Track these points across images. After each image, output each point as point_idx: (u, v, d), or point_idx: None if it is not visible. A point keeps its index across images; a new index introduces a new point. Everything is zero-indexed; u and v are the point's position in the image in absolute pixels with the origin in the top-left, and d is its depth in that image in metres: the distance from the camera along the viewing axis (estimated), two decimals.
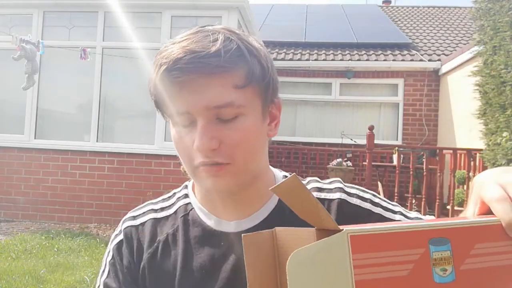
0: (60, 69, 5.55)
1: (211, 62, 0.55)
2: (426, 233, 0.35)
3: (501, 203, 0.39)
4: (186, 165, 0.62)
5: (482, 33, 4.33)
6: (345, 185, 0.69)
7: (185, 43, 0.57)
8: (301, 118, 7.77)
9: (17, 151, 5.34)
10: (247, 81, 0.58)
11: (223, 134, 0.57)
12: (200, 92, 0.56)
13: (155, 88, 0.60)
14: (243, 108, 0.59)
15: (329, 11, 10.97)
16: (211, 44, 0.56)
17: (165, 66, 0.56)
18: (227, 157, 0.58)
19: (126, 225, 0.72)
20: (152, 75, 0.60)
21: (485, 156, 4.24)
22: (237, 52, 0.57)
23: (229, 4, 5.11)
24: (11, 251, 3.84)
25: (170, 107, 0.60)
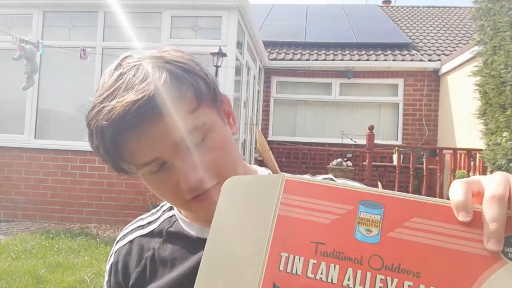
0: (60, 69, 5.55)
1: (157, 105, 0.51)
2: (360, 195, 0.36)
3: (457, 184, 0.37)
4: (176, 204, 0.60)
5: (482, 33, 4.33)
6: (335, 181, 0.67)
7: (119, 97, 0.52)
8: (301, 118, 7.77)
9: (17, 151, 5.34)
10: (198, 102, 0.55)
11: (202, 159, 0.55)
12: (160, 136, 0.53)
13: (106, 154, 0.55)
14: (207, 126, 0.56)
15: (329, 11, 10.97)
16: (144, 84, 0.52)
17: (111, 129, 0.52)
18: (216, 176, 0.56)
19: (117, 248, 0.73)
20: (95, 142, 0.56)
21: (485, 156, 4.24)
22: (174, 78, 0.53)
23: (229, 4, 5.11)
24: (11, 251, 3.84)
25: (133, 164, 0.56)
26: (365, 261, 0.34)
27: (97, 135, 0.55)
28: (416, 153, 5.87)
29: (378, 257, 0.34)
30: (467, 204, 0.35)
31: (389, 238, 0.35)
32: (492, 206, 0.34)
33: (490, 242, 0.33)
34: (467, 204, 0.35)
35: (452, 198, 0.36)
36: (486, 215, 0.34)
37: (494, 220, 0.33)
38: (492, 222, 0.33)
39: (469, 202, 0.35)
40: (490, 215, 0.33)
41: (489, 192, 0.35)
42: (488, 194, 0.35)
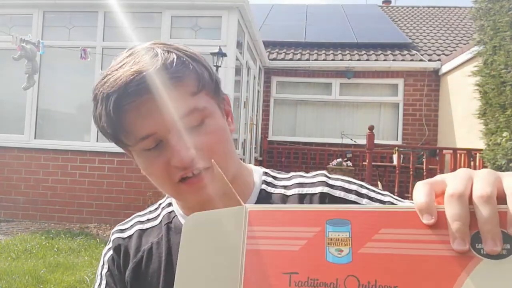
0: (60, 69, 5.55)
1: (162, 78, 0.54)
2: (325, 214, 0.35)
3: (420, 186, 0.36)
4: (165, 186, 0.60)
5: (482, 33, 4.33)
6: (329, 177, 0.67)
7: (127, 67, 0.55)
8: (301, 118, 7.77)
9: (17, 151, 5.34)
10: (200, 86, 0.58)
11: (197, 141, 0.56)
12: (159, 110, 0.55)
13: (109, 120, 0.56)
14: (206, 111, 0.58)
15: (329, 11, 10.98)
16: (153, 60, 0.55)
17: (115, 94, 0.53)
18: (208, 160, 0.57)
19: (114, 237, 0.73)
20: (98, 110, 0.57)
21: (485, 156, 4.24)
22: (180, 62, 0.57)
23: (229, 4, 5.11)
24: (11, 251, 3.84)
25: (131, 135, 0.56)
26: (340, 284, 0.33)
27: (101, 102, 0.56)
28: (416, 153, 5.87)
29: (353, 277, 0.33)
30: (430, 206, 0.33)
31: (361, 255, 0.34)
32: (452, 205, 0.33)
33: (456, 242, 0.32)
34: (429, 206, 0.33)
35: (415, 201, 0.34)
36: (447, 214, 0.33)
37: (456, 218, 0.32)
38: (454, 221, 0.32)
39: (432, 203, 0.34)
40: (451, 214, 0.33)
41: (449, 190, 0.34)
42: (448, 193, 0.34)
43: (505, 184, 0.34)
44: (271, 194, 0.67)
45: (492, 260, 0.31)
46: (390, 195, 0.64)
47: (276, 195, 0.66)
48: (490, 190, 0.33)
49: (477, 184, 0.34)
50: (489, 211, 0.32)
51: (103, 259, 0.74)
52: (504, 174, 0.35)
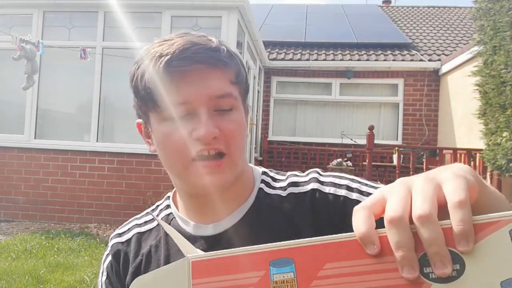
0: (60, 69, 5.55)
1: (214, 55, 0.59)
2: (268, 254, 0.33)
3: (357, 212, 0.34)
4: (178, 162, 0.60)
5: (482, 33, 4.33)
6: (321, 174, 0.68)
7: (185, 38, 0.59)
8: (301, 118, 7.77)
9: (17, 151, 5.33)
10: (237, 79, 0.62)
11: (221, 124, 0.59)
12: (203, 82, 0.58)
13: (152, 78, 0.58)
14: (237, 102, 0.62)
15: (329, 11, 10.98)
16: (210, 41, 0.60)
17: (169, 56, 0.56)
18: (225, 146, 0.59)
19: (113, 243, 0.73)
20: (143, 68, 0.60)
21: (485, 156, 4.24)
22: (229, 53, 0.62)
23: (229, 4, 5.11)
24: (11, 251, 3.84)
25: (167, 98, 0.58)
26: None
27: (151, 60, 0.58)
28: (416, 153, 5.87)
29: None
30: (370, 235, 0.32)
31: None
32: (393, 232, 0.31)
33: (404, 270, 0.30)
34: (370, 235, 0.32)
35: (355, 230, 0.33)
36: (391, 241, 0.31)
37: (399, 246, 0.30)
38: (398, 249, 0.30)
39: (371, 231, 0.32)
40: (394, 241, 0.30)
41: (388, 213, 0.32)
42: (387, 217, 0.31)
43: (445, 190, 0.32)
44: (269, 194, 0.67)
45: (443, 284, 0.29)
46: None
47: (273, 196, 0.67)
48: (428, 208, 0.30)
49: (415, 201, 0.32)
50: (431, 232, 0.30)
51: (102, 266, 0.74)
52: (443, 178, 0.33)
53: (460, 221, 0.29)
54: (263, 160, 7.11)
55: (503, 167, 3.94)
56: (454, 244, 0.29)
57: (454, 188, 0.32)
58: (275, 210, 0.65)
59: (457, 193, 0.31)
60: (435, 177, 0.34)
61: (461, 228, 0.29)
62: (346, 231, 0.58)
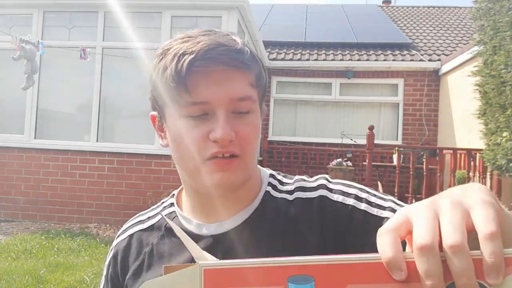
0: (60, 69, 5.55)
1: (238, 57, 0.59)
2: (287, 270, 0.32)
3: (383, 236, 0.33)
4: (191, 160, 0.60)
5: (482, 33, 4.33)
6: (330, 181, 0.67)
7: (212, 37, 0.59)
8: (301, 118, 7.77)
9: (17, 151, 5.34)
10: (257, 82, 0.62)
11: (238, 127, 0.59)
12: (225, 83, 0.58)
13: (176, 74, 0.57)
14: (255, 105, 0.62)
15: (329, 11, 10.98)
16: (235, 42, 0.60)
17: (194, 54, 0.56)
18: (239, 150, 0.59)
19: (116, 242, 0.74)
20: (166, 62, 0.59)
21: (485, 156, 4.24)
22: (251, 55, 0.61)
23: (229, 4, 5.11)
24: (11, 251, 3.84)
25: (188, 96, 0.58)
26: None
27: (174, 56, 0.58)
28: (416, 153, 5.87)
29: None
30: (397, 260, 0.31)
31: None
32: (422, 260, 0.30)
33: None
34: (397, 260, 0.31)
35: (381, 254, 0.32)
36: (419, 269, 0.30)
37: (429, 274, 0.30)
38: (427, 277, 0.30)
39: (399, 256, 0.31)
40: (423, 270, 0.30)
41: (417, 241, 0.31)
42: (416, 245, 0.31)
43: (474, 219, 0.31)
44: (275, 198, 0.67)
45: None
46: (392, 200, 0.63)
47: (279, 199, 0.67)
48: (460, 238, 0.30)
49: (445, 229, 0.31)
50: (462, 263, 0.29)
51: (106, 262, 0.75)
52: (472, 204, 0.32)
53: (492, 254, 0.29)
54: (263, 160, 7.11)
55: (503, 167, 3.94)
56: (483, 275, 0.29)
57: (485, 218, 0.31)
58: (280, 214, 0.65)
59: (488, 224, 0.30)
60: (462, 202, 0.33)
61: (492, 261, 0.29)
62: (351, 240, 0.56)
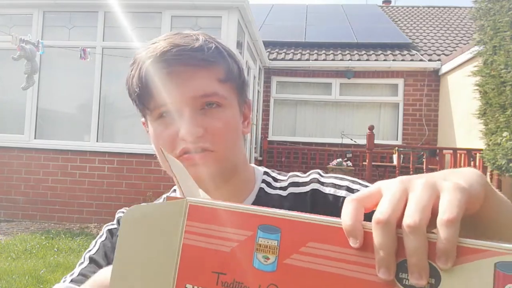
0: (60, 69, 5.55)
1: (196, 55, 0.59)
2: (260, 218, 0.35)
3: (348, 204, 0.34)
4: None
5: (482, 33, 4.33)
6: (322, 175, 0.68)
7: (169, 40, 0.60)
8: (301, 118, 7.77)
9: (17, 151, 5.33)
10: (227, 77, 0.62)
11: (206, 122, 0.60)
12: (186, 83, 0.59)
13: (138, 81, 0.61)
14: (225, 100, 0.62)
15: (329, 11, 10.97)
16: (194, 41, 0.61)
17: (151, 59, 0.59)
18: (211, 144, 0.60)
19: (120, 215, 0.75)
20: (133, 72, 0.62)
21: (485, 156, 4.24)
22: (217, 50, 0.62)
23: (229, 4, 5.11)
24: (11, 251, 3.84)
25: (153, 100, 0.61)
26: None
27: (138, 65, 0.61)
28: (416, 153, 5.87)
29: (274, 286, 0.33)
30: (355, 229, 0.32)
31: (285, 265, 0.33)
32: (377, 233, 0.31)
33: (381, 271, 0.30)
34: (354, 229, 0.32)
35: (342, 221, 0.33)
36: (374, 241, 0.31)
37: (381, 247, 0.30)
38: (379, 250, 0.30)
39: (356, 226, 0.32)
40: (377, 242, 0.31)
41: (376, 215, 0.32)
42: (374, 217, 0.31)
43: (440, 202, 0.31)
44: (269, 194, 0.68)
45: None
46: None
47: (274, 195, 0.68)
48: (419, 218, 0.30)
49: (408, 207, 0.31)
50: (416, 243, 0.30)
51: (103, 229, 0.75)
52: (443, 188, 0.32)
53: (445, 239, 0.29)
54: (263, 160, 7.11)
55: (503, 167, 3.94)
56: (435, 259, 0.30)
57: (448, 203, 0.31)
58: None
59: (448, 209, 0.30)
60: (436, 184, 0.33)
61: (444, 246, 0.29)
62: None
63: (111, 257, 0.70)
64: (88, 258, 0.71)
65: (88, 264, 0.70)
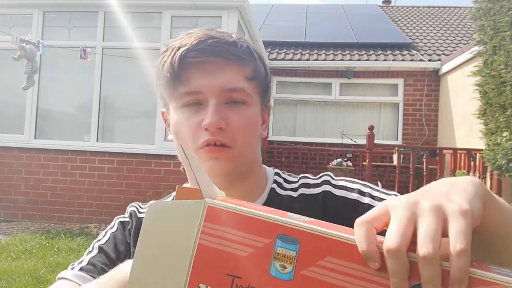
0: (60, 69, 5.55)
1: (229, 49, 0.61)
2: (279, 228, 0.36)
3: (359, 226, 0.35)
4: (187, 148, 0.61)
5: (482, 33, 4.33)
6: (333, 178, 0.69)
7: (205, 32, 0.62)
8: (301, 118, 7.77)
9: (17, 151, 5.33)
10: (254, 76, 0.64)
11: (229, 117, 0.61)
12: (216, 74, 0.60)
13: (170, 67, 0.61)
14: (250, 98, 0.63)
15: (329, 11, 10.97)
16: (229, 36, 0.63)
17: (186, 47, 0.60)
18: (230, 140, 0.60)
19: (132, 209, 0.74)
20: (164, 58, 0.63)
21: (485, 156, 4.24)
22: (248, 49, 0.64)
23: (229, 4, 5.11)
24: (11, 251, 3.84)
25: (182, 87, 0.61)
26: None
27: (171, 52, 0.62)
28: (416, 153, 5.87)
29: None
30: (371, 252, 0.33)
31: (302, 276, 0.34)
32: (389, 261, 0.32)
33: None
34: (371, 251, 0.33)
35: (358, 245, 0.34)
36: (388, 267, 0.32)
37: (394, 274, 0.32)
38: (392, 275, 0.32)
39: (372, 248, 0.33)
40: (390, 269, 0.32)
41: (386, 243, 0.32)
42: (385, 246, 0.32)
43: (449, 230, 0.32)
44: (280, 195, 0.69)
45: None
46: (395, 194, 0.64)
47: (284, 196, 0.68)
48: (432, 249, 0.31)
49: (420, 236, 0.32)
50: (432, 272, 0.31)
51: (114, 222, 0.75)
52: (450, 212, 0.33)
53: (458, 269, 0.31)
54: (263, 160, 7.09)
55: (503, 167, 3.94)
56: (448, 286, 0.31)
57: (457, 233, 0.32)
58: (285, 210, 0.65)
59: (459, 239, 0.31)
60: (442, 207, 0.34)
61: (457, 274, 0.31)
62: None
63: (121, 249, 0.69)
64: (97, 247, 0.71)
65: (97, 254, 0.70)
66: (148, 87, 5.25)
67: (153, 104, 5.23)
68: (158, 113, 5.19)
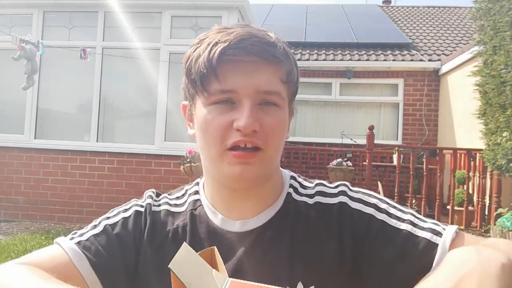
0: (60, 69, 5.55)
1: (270, 50, 0.60)
2: None
3: None
4: (214, 147, 0.60)
5: (482, 33, 4.33)
6: (351, 189, 0.68)
7: (246, 29, 0.60)
8: (301, 118, 7.77)
9: (17, 151, 5.33)
10: (288, 79, 0.63)
11: (263, 119, 0.59)
12: (253, 74, 0.59)
13: (207, 62, 0.58)
14: (283, 101, 0.62)
15: (329, 11, 10.97)
16: (268, 36, 0.62)
17: (227, 43, 0.57)
18: (263, 142, 0.59)
19: (148, 202, 0.72)
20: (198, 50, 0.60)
21: (485, 156, 4.24)
22: (285, 51, 0.63)
23: (229, 4, 5.11)
24: (11, 251, 3.84)
25: (217, 83, 0.59)
26: None
27: (208, 45, 0.59)
28: (416, 153, 5.87)
29: None
30: None
31: None
32: None
33: None
34: None
35: None
36: None
37: None
38: None
39: None
40: None
41: None
42: None
43: None
44: (296, 200, 0.68)
45: None
46: (412, 214, 0.64)
47: (300, 202, 0.68)
48: None
49: None
50: None
51: (131, 206, 0.73)
52: None
53: None
54: None
55: (503, 167, 3.94)
56: None
57: None
58: (301, 217, 0.65)
59: None
60: None
61: None
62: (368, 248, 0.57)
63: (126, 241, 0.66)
64: (103, 226, 0.68)
65: (100, 233, 0.66)
66: (148, 87, 5.25)
67: (153, 104, 5.23)
68: (158, 113, 5.19)
